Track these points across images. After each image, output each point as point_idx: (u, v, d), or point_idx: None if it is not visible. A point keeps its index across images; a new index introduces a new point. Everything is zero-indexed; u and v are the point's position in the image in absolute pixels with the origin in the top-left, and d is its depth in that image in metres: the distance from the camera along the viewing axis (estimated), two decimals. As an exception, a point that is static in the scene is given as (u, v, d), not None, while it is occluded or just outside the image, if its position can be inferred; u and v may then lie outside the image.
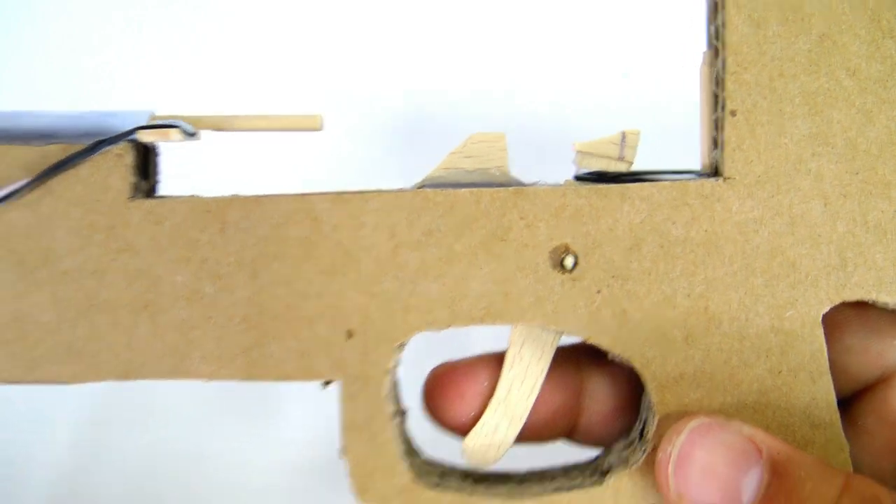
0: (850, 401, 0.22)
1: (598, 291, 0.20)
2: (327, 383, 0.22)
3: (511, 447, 0.22)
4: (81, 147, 0.20)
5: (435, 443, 0.23)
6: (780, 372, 0.20)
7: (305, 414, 0.38)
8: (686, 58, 0.36)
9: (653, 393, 0.20)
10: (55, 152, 0.20)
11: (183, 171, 0.23)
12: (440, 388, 0.22)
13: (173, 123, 0.20)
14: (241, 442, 0.38)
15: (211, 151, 0.25)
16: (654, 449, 0.20)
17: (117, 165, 0.20)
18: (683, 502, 0.19)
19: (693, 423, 0.19)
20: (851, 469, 0.20)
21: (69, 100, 0.31)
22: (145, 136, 0.20)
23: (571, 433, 0.23)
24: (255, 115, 0.21)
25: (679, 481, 0.19)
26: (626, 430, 0.23)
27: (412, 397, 0.23)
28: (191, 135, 0.20)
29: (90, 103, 0.21)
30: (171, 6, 0.38)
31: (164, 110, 0.21)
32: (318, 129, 0.20)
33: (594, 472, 0.22)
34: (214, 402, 0.38)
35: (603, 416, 0.23)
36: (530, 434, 0.22)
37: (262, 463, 0.38)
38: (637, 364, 0.20)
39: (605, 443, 0.23)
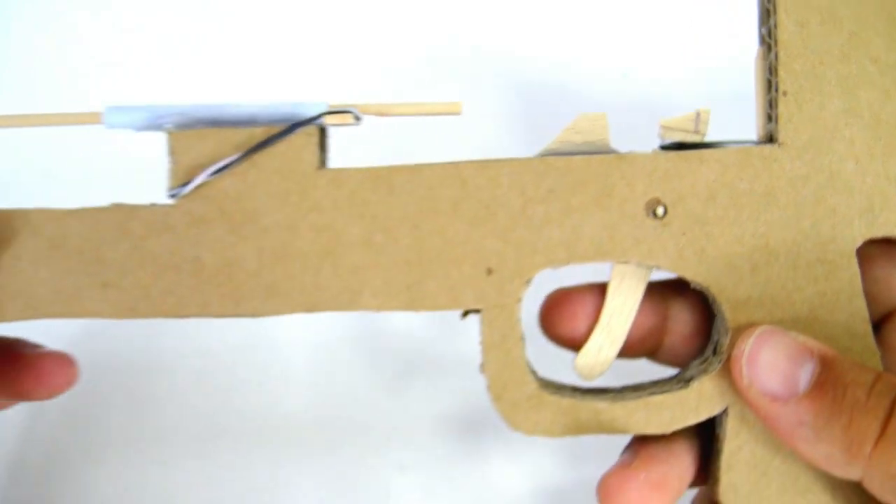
0: (879, 325, 0.28)
1: (683, 234, 0.26)
2: (465, 314, 0.27)
3: (611, 364, 0.28)
4: (280, 129, 0.25)
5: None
6: (825, 294, 0.26)
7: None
8: (685, 58, 0.41)
9: (727, 313, 0.26)
10: (259, 134, 0.26)
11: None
12: (557, 308, 0.27)
13: (348, 110, 0.26)
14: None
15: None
16: (728, 358, 0.26)
17: (308, 143, 0.26)
18: (753, 389, 0.24)
19: (760, 329, 0.25)
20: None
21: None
22: (329, 120, 0.25)
23: (655, 352, 0.29)
24: (408, 103, 0.26)
25: (750, 372, 0.24)
26: (699, 352, 0.28)
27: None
28: (358, 119, 0.26)
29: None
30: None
31: (335, 101, 0.26)
32: (458, 113, 0.26)
33: (679, 381, 0.27)
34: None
35: (682, 338, 0.28)
36: (624, 352, 0.28)
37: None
38: (714, 290, 0.26)
39: (681, 362, 0.29)
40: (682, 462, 0.27)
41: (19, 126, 0.26)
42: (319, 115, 0.25)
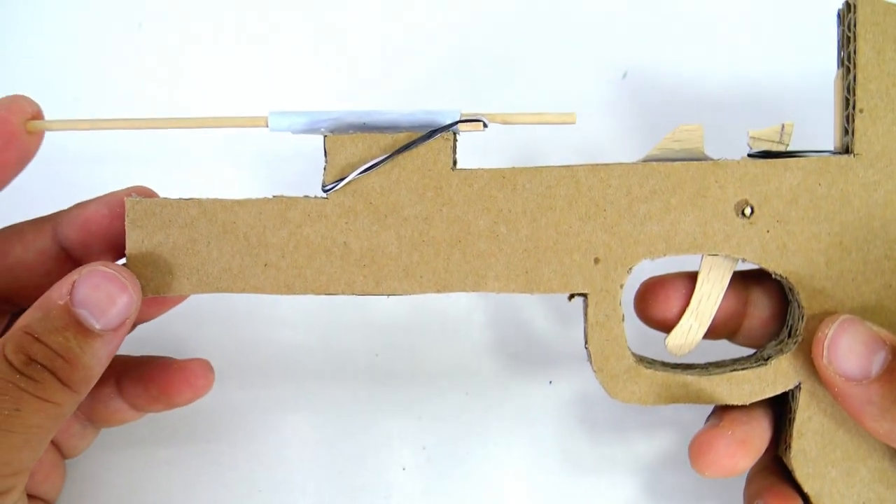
0: None
1: (768, 231, 0.30)
2: (571, 297, 0.31)
3: (699, 344, 0.32)
4: (420, 134, 0.30)
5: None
6: (891, 286, 0.30)
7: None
8: (684, 59, 0.41)
9: (803, 301, 0.30)
10: (402, 138, 0.30)
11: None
12: (652, 293, 0.31)
13: (479, 118, 0.30)
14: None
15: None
16: (803, 340, 0.30)
17: (444, 147, 0.30)
18: (831, 368, 0.28)
19: (842, 317, 0.28)
20: None
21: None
22: (463, 127, 0.30)
23: (735, 333, 0.33)
24: (529, 113, 0.30)
25: (831, 353, 0.28)
26: (774, 335, 0.32)
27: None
28: (486, 126, 0.30)
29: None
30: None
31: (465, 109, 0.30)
32: (573, 122, 0.30)
33: (757, 359, 0.31)
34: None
35: (761, 321, 0.32)
36: (709, 333, 0.32)
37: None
38: (792, 281, 0.30)
39: (757, 343, 0.33)
40: (762, 426, 0.31)
41: (193, 128, 0.31)
42: (454, 123, 0.29)
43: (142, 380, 0.33)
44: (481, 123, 0.30)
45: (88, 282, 0.28)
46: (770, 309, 0.32)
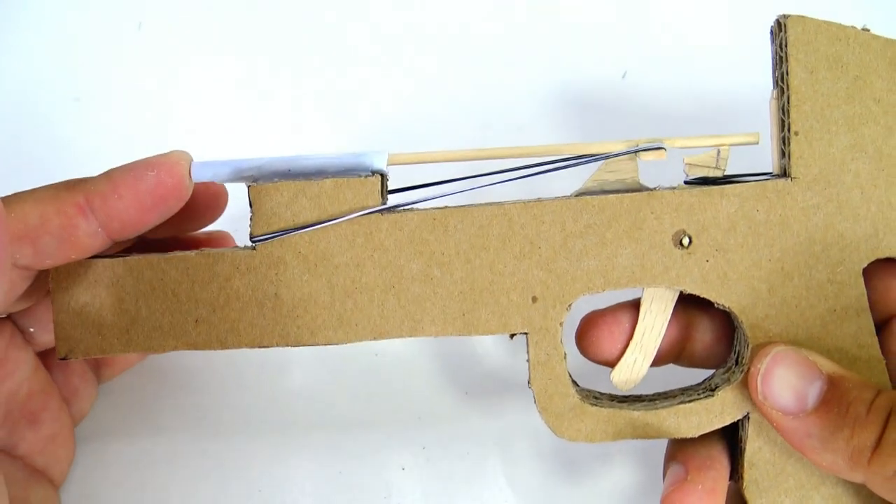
0: (879, 328, 0.31)
1: (707, 261, 0.29)
2: (513, 336, 0.31)
3: (645, 376, 0.31)
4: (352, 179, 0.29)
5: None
6: (834, 310, 0.29)
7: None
8: (683, 59, 0.41)
9: (747, 330, 0.29)
10: (328, 185, 0.29)
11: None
12: (593, 331, 0.31)
13: (660, 146, 0.29)
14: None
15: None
16: (749, 369, 0.29)
17: (371, 191, 0.29)
18: (767, 403, 0.27)
19: (775, 349, 0.28)
20: (888, 380, 0.29)
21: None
22: (645, 156, 0.29)
23: (678, 357, 0.32)
24: (710, 135, 0.29)
25: (765, 388, 0.27)
26: (718, 357, 0.32)
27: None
28: (663, 148, 0.29)
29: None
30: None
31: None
32: (756, 143, 0.29)
33: (705, 390, 0.31)
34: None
35: (704, 344, 0.31)
36: (653, 361, 0.31)
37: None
38: (735, 310, 0.29)
39: (702, 363, 0.32)
40: (723, 465, 0.30)
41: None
42: (635, 151, 0.29)
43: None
44: (663, 151, 0.29)
45: None
46: (713, 332, 0.31)
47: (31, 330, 0.32)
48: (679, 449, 0.31)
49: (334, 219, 0.29)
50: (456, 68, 0.42)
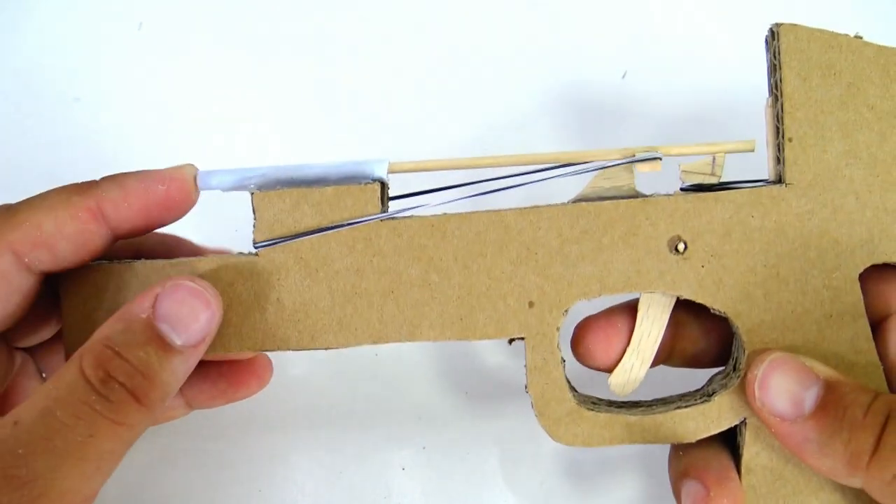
0: (876, 333, 0.31)
1: (702, 266, 0.29)
2: (511, 341, 0.31)
3: (642, 381, 0.31)
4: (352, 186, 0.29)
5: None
6: (831, 316, 0.29)
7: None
8: (683, 60, 0.41)
9: (743, 336, 0.29)
10: (329, 193, 0.29)
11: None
12: (590, 336, 0.31)
13: (656, 155, 0.29)
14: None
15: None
16: (746, 375, 0.29)
17: (371, 197, 0.29)
18: (765, 409, 0.28)
19: (772, 356, 0.28)
20: (885, 384, 0.29)
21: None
22: (642, 168, 0.29)
23: (669, 358, 0.32)
24: (706, 143, 0.29)
25: (762, 394, 0.28)
26: (708, 354, 0.32)
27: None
28: (658, 159, 0.29)
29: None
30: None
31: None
32: (752, 150, 0.29)
33: (702, 395, 0.31)
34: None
35: (693, 345, 0.32)
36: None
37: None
38: (731, 316, 0.29)
39: (694, 364, 0.32)
40: (736, 473, 0.30)
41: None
42: (631, 161, 0.29)
43: (208, 376, 0.34)
44: (658, 162, 0.29)
45: (173, 296, 0.27)
46: (701, 331, 0.32)
47: (44, 375, 0.33)
48: (690, 465, 0.30)
49: (335, 225, 0.29)
50: (456, 69, 0.42)
